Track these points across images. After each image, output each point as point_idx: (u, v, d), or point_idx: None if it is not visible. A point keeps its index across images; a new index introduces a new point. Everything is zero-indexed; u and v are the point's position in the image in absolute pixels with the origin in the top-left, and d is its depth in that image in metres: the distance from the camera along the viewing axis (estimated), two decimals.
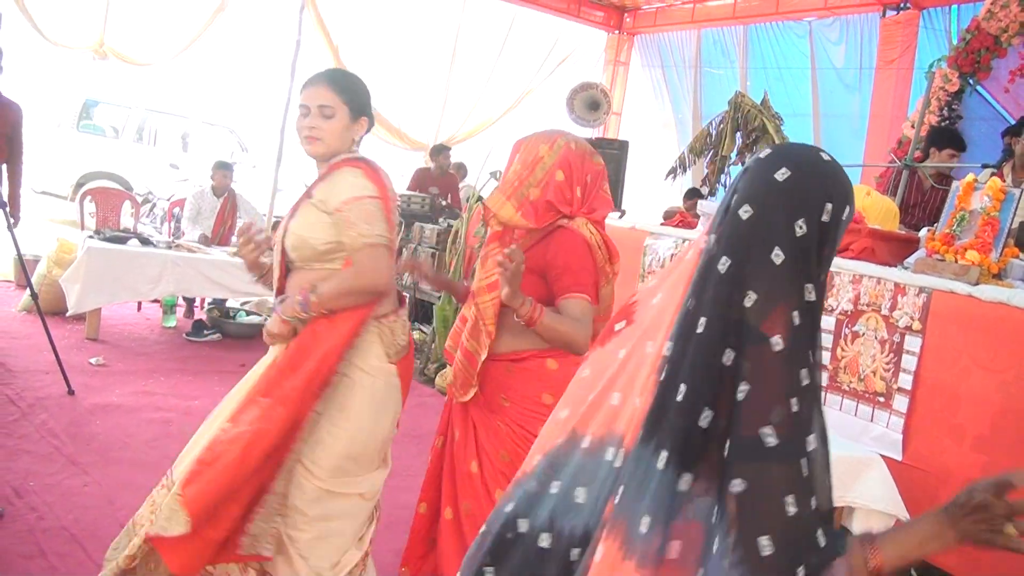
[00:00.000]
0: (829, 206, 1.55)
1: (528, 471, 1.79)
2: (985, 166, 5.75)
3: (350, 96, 3.11)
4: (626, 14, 13.63)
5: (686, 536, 1.47)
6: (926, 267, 4.69)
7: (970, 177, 4.69)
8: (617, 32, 13.81)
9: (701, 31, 12.31)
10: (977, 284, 4.34)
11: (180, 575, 3.00)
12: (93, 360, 6.96)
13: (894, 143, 8.06)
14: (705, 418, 1.48)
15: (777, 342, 1.47)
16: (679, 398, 1.51)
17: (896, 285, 4.65)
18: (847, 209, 1.59)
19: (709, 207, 6.46)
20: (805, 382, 1.47)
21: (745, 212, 1.54)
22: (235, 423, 2.99)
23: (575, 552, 1.61)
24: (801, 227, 1.52)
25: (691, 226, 6.60)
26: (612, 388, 1.68)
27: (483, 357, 3.25)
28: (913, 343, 4.53)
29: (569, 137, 3.30)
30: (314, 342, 3.03)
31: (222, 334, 8.36)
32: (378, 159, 3.20)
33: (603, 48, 14.06)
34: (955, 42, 8.05)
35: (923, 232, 5.20)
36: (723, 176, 7.71)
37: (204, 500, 2.92)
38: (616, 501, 1.54)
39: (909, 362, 4.54)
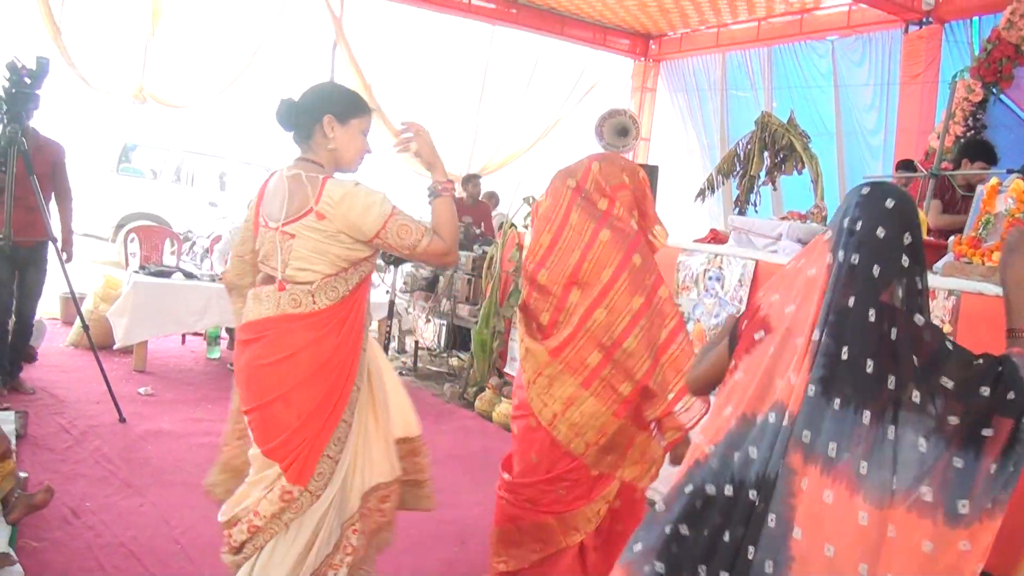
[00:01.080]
0: (916, 223, 2.19)
1: (702, 458, 2.28)
2: (1011, 171, 5.78)
3: None
4: (651, 41, 13.77)
5: (873, 452, 2.05)
6: (954, 270, 4.74)
7: (994, 180, 4.74)
8: (643, 59, 13.94)
9: (726, 55, 12.41)
10: None
11: None
12: (142, 390, 7.12)
13: (921, 155, 8.11)
14: (869, 366, 2.05)
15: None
16: (844, 357, 2.07)
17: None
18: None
19: (741, 222, 6.54)
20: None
21: (881, 232, 2.14)
22: None
23: (752, 493, 2.13)
24: (908, 238, 2.14)
25: (722, 242, 6.68)
26: (774, 376, 2.19)
27: None
28: None
29: None
30: None
31: None
32: (412, 191, 3.40)
33: (630, 75, 14.19)
34: (977, 53, 8.10)
35: (951, 239, 5.24)
36: (752, 195, 7.72)
37: None
38: (805, 442, 2.08)
39: None
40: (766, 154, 7.51)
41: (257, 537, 3.12)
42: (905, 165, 7.64)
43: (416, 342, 10.07)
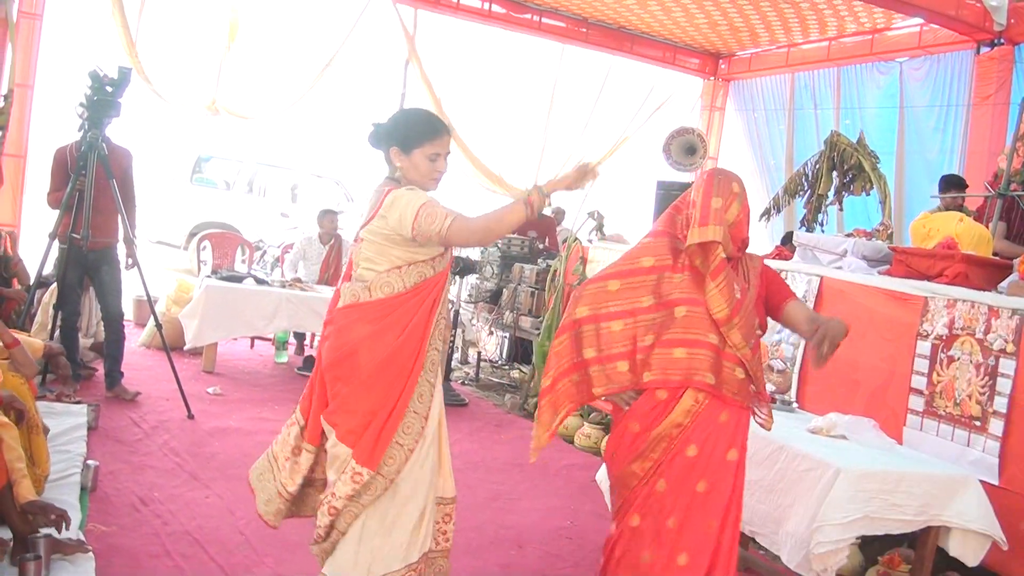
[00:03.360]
0: None
1: None
2: None
3: None
4: (721, 60, 13.74)
5: None
6: (1019, 290, 4.71)
7: None
8: (712, 78, 13.91)
9: (795, 74, 12.36)
10: None
11: None
12: (210, 390, 7.30)
13: (990, 177, 8.02)
14: None
15: None
16: None
17: (990, 308, 4.67)
18: None
19: (806, 239, 6.54)
20: None
21: None
22: None
23: None
24: None
25: (787, 259, 6.67)
26: None
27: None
28: (1008, 366, 4.55)
29: None
30: None
31: None
32: (479, 205, 3.57)
33: (699, 94, 14.17)
34: None
35: (1016, 259, 5.20)
36: (820, 215, 7.69)
37: None
38: None
39: (1004, 385, 4.55)
40: (834, 174, 7.48)
41: (339, 519, 3.35)
42: (951, 181, 7.53)
43: (479, 353, 10.15)
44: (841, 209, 7.65)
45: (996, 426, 4.56)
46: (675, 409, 3.35)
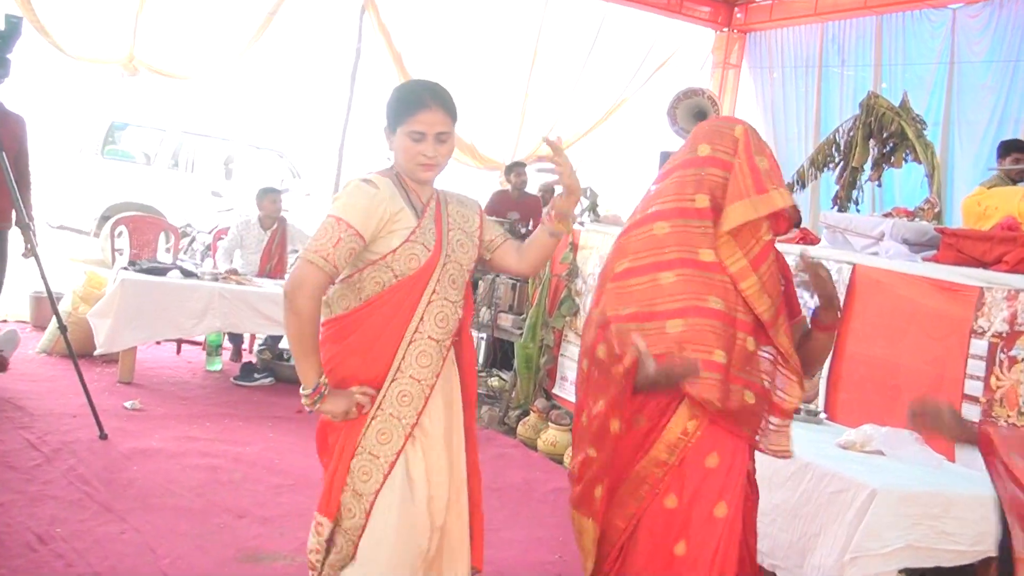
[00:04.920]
0: None
1: None
2: None
3: (455, 116, 3.32)
4: (736, 9, 13.74)
5: None
6: None
7: None
8: (726, 30, 13.92)
9: (824, 25, 12.35)
10: None
11: None
12: (128, 404, 7.22)
13: None
14: None
15: None
16: None
17: None
18: None
19: (836, 220, 6.53)
20: None
21: None
22: None
23: None
24: None
25: (813, 243, 6.67)
26: None
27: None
28: None
29: None
30: None
31: (275, 378, 8.58)
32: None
33: (710, 49, 14.18)
34: None
35: None
36: (855, 192, 7.64)
37: None
38: None
39: None
40: (872, 143, 7.46)
41: None
42: (1012, 145, 7.51)
43: None
44: (879, 184, 7.65)
45: None
46: (656, 443, 3.15)
